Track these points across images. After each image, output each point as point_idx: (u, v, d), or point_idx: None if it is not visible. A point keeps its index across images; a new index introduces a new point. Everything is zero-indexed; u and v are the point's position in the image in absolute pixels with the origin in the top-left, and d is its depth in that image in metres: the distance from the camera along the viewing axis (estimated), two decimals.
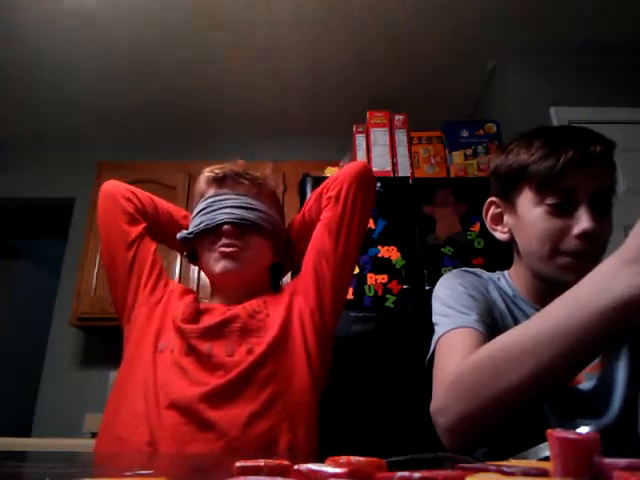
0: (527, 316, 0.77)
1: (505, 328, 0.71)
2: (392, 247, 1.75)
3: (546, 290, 0.77)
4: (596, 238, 0.71)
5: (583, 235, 0.70)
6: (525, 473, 0.25)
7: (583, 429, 0.49)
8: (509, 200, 0.80)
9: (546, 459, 0.40)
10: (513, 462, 0.29)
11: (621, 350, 0.78)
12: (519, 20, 2.22)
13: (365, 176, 1.00)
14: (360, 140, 2.10)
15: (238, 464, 0.28)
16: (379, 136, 2.10)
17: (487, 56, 2.44)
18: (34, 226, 3.69)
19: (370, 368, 1.60)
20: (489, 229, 0.86)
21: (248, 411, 0.78)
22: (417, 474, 0.23)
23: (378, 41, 2.35)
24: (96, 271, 2.43)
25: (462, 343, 0.68)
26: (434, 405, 0.63)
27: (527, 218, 0.76)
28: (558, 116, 2.13)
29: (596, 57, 2.30)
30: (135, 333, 0.91)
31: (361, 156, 2.05)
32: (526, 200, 0.76)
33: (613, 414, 0.73)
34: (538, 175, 0.73)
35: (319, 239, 0.97)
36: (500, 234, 0.84)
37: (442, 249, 1.76)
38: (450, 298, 0.77)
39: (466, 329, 0.70)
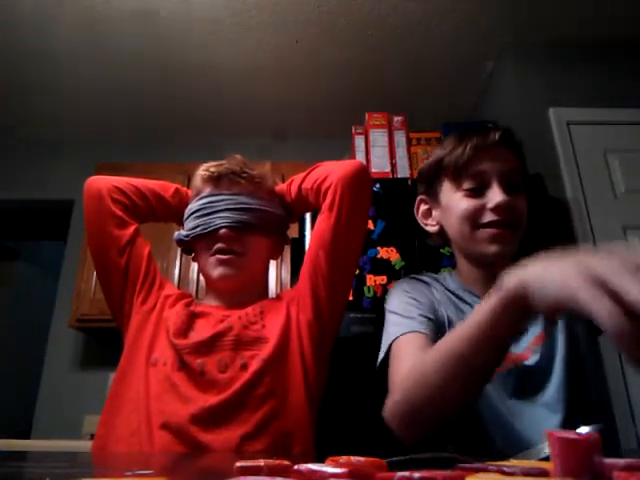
0: (471, 306, 0.84)
1: (451, 321, 0.81)
2: (391, 248, 1.75)
3: (483, 275, 0.85)
4: (511, 209, 0.79)
5: (497, 207, 0.78)
6: (525, 473, 0.25)
7: (583, 429, 0.49)
8: (434, 195, 0.90)
9: (546, 459, 0.40)
10: (513, 462, 0.29)
11: (562, 319, 0.82)
12: (519, 21, 2.22)
13: (359, 182, 0.93)
14: (359, 141, 2.10)
15: (238, 464, 0.28)
16: (378, 137, 2.09)
17: (486, 57, 2.44)
18: (34, 227, 3.69)
19: (369, 369, 1.60)
20: (421, 225, 0.95)
21: (240, 433, 0.76)
22: (417, 474, 0.23)
23: (378, 42, 2.35)
24: (95, 273, 2.42)
25: (408, 349, 0.74)
26: (388, 409, 0.68)
27: (449, 205, 0.85)
28: (557, 117, 2.13)
29: (596, 57, 2.29)
30: (130, 341, 0.89)
31: (360, 157, 2.05)
32: (447, 190, 0.86)
33: (556, 384, 0.75)
34: (451, 164, 0.83)
35: (315, 253, 0.93)
36: (430, 227, 0.92)
37: (441, 250, 1.76)
38: (395, 305, 0.84)
39: (412, 334, 0.76)
